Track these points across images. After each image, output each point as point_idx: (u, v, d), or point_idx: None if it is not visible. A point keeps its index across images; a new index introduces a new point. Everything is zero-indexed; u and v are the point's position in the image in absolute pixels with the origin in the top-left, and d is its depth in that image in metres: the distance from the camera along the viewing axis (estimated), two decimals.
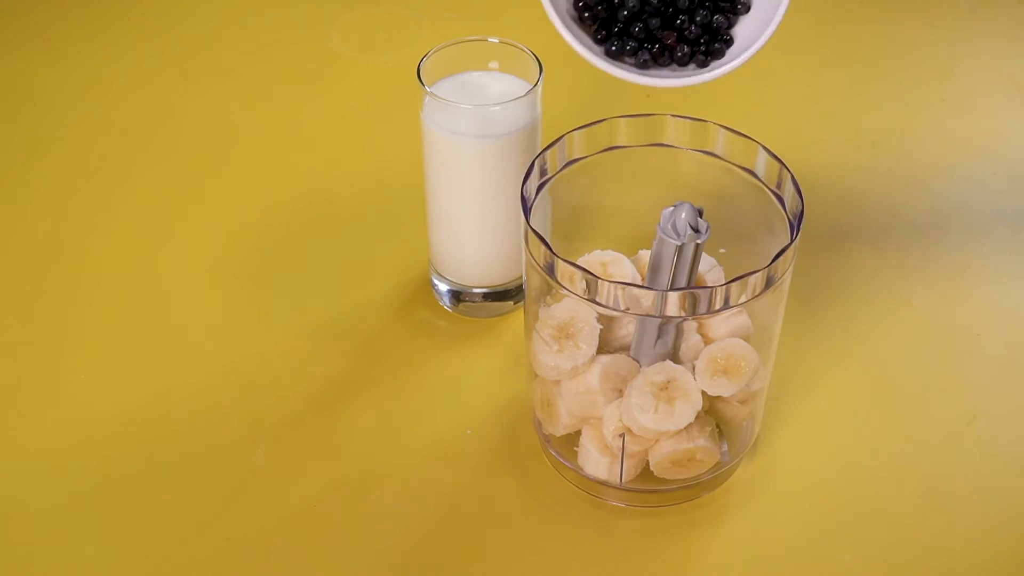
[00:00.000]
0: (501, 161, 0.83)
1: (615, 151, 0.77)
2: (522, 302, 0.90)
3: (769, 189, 0.74)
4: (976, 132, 1.09)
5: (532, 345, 0.76)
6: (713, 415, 0.75)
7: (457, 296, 0.90)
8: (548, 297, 0.73)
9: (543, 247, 0.69)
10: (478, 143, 0.82)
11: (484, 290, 0.90)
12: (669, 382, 0.71)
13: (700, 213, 0.70)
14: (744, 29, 0.74)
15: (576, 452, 0.78)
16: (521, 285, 0.89)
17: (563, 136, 0.75)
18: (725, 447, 0.77)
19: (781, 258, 0.68)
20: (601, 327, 0.73)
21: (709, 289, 0.67)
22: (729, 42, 0.74)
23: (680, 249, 0.69)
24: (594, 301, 0.69)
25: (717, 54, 0.74)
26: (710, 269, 0.78)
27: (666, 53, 0.73)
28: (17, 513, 0.78)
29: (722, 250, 0.79)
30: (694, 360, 0.73)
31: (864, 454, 0.82)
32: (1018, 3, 1.24)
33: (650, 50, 0.72)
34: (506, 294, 0.90)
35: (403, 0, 1.25)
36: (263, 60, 1.18)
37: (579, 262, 0.80)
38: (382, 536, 0.77)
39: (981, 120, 1.11)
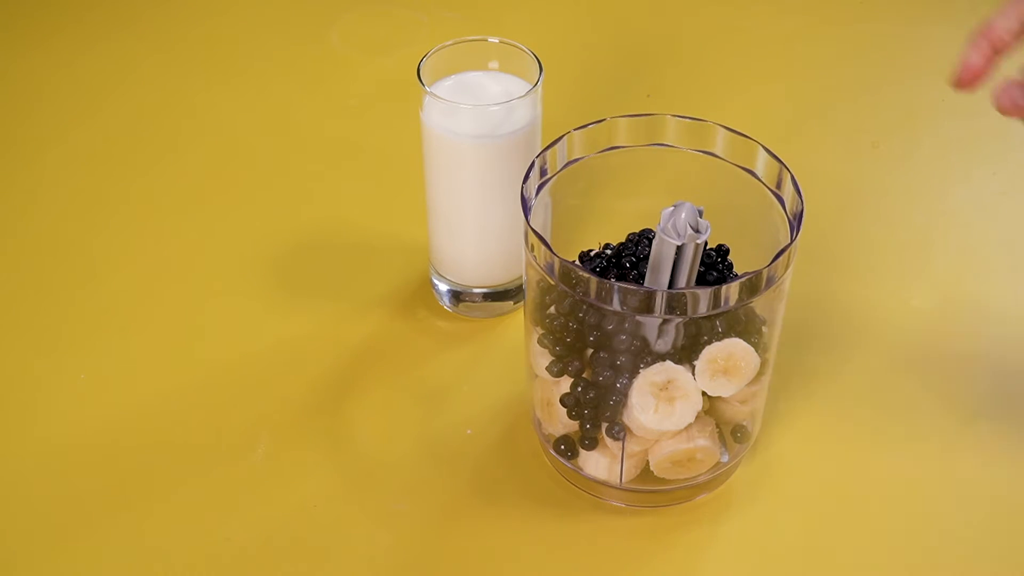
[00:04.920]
0: (501, 161, 0.83)
1: (615, 151, 0.77)
2: (522, 302, 0.90)
3: (769, 189, 0.74)
4: (976, 132, 1.09)
5: (531, 345, 0.76)
6: (713, 415, 0.75)
7: (457, 296, 0.90)
8: (548, 297, 0.73)
9: (543, 247, 0.69)
10: (478, 143, 0.82)
11: (484, 290, 0.90)
12: (669, 382, 0.71)
13: (700, 213, 0.70)
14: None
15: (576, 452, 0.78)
16: (521, 285, 0.89)
17: (563, 136, 0.75)
18: (725, 450, 0.77)
19: (781, 258, 0.68)
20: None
21: (709, 289, 0.67)
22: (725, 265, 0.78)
23: (680, 249, 0.69)
24: (593, 301, 0.69)
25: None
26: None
27: None
28: (17, 513, 0.78)
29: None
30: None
31: (864, 454, 0.82)
32: None
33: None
34: (506, 294, 0.90)
35: (403, 0, 1.25)
36: (263, 60, 1.18)
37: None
38: (382, 536, 0.77)
39: (981, 120, 1.11)
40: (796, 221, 0.71)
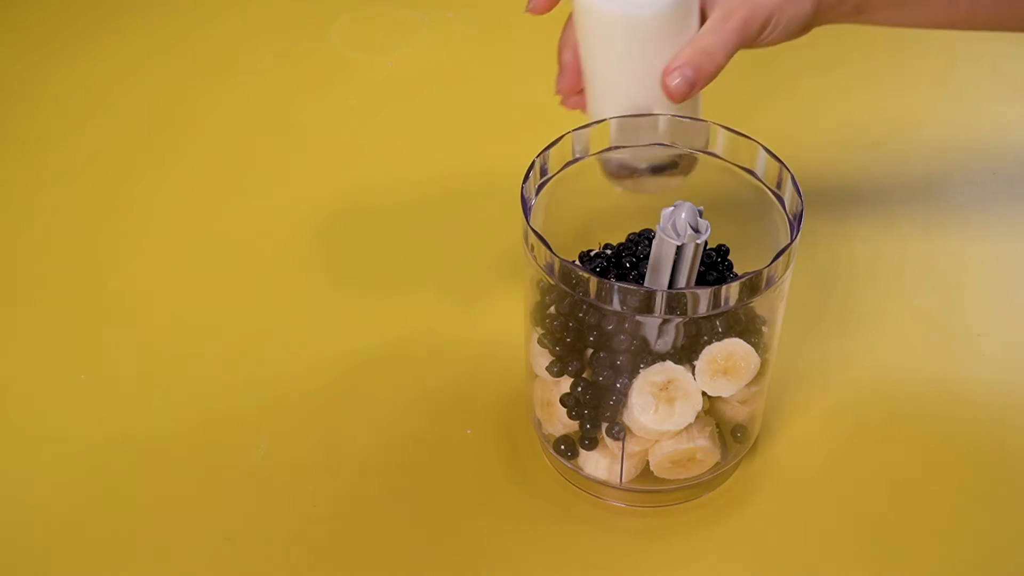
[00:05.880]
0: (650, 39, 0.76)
1: (615, 151, 0.77)
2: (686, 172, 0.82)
3: (769, 189, 0.74)
4: (976, 132, 1.09)
5: (531, 345, 0.76)
6: (713, 415, 0.75)
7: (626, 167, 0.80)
8: (548, 297, 0.73)
9: (543, 247, 0.69)
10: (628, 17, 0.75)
11: (649, 164, 0.80)
12: (669, 382, 0.71)
13: (700, 213, 0.70)
14: None
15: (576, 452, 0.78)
16: (676, 161, 0.80)
17: (563, 136, 0.75)
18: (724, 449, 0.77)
19: (781, 258, 0.68)
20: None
21: (709, 289, 0.67)
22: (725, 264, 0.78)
23: (680, 249, 0.69)
24: (593, 301, 0.69)
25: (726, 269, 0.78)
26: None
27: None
28: (16, 513, 0.78)
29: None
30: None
31: (864, 454, 0.82)
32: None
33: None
34: (671, 167, 0.80)
35: (403, 0, 1.25)
36: (263, 60, 1.18)
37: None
38: (382, 536, 0.77)
39: (981, 120, 1.11)
40: (796, 221, 0.71)
